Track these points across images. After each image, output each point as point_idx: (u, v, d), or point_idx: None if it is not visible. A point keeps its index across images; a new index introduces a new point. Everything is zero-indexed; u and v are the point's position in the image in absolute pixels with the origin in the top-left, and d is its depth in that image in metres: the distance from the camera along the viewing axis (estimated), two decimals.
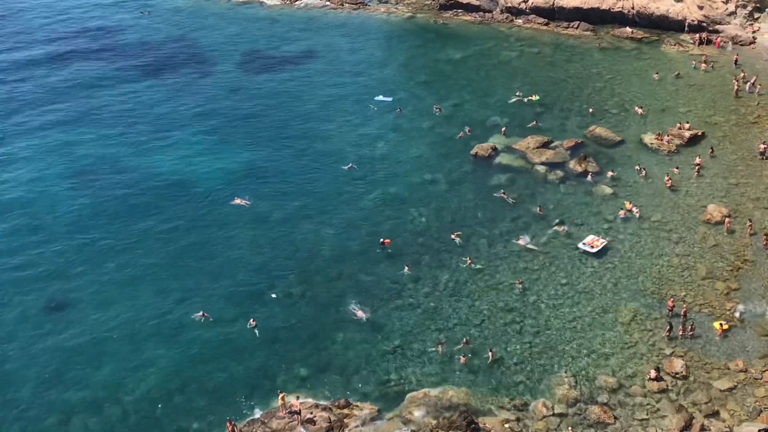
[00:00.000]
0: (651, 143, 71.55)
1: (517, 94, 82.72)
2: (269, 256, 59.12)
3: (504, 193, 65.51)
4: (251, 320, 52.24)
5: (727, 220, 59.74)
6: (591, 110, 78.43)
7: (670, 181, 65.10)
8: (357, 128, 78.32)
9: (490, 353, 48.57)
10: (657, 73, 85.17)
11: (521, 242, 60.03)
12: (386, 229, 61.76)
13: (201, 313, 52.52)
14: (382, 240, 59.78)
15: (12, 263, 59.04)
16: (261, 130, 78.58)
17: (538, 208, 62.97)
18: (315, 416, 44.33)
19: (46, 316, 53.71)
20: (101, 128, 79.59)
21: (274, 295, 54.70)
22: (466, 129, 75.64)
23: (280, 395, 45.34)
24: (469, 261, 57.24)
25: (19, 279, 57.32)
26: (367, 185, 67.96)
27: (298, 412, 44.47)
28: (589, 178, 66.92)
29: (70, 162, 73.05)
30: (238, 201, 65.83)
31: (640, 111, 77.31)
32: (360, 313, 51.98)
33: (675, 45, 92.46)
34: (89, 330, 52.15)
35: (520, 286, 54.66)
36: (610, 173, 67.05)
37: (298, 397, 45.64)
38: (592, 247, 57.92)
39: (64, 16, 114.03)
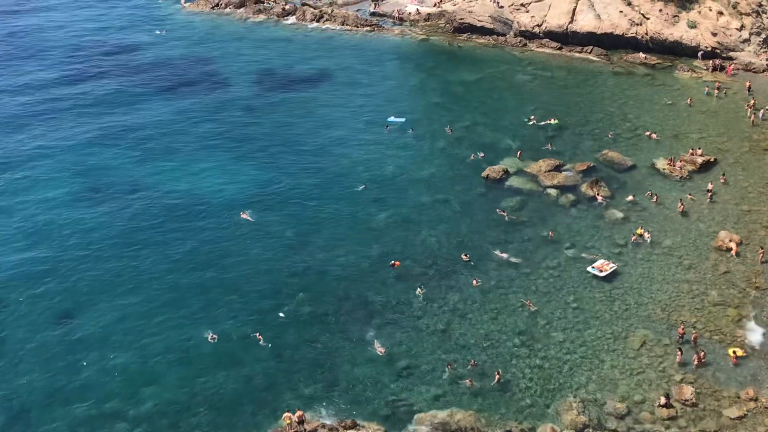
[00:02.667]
0: (663, 168, 71.43)
1: (531, 117, 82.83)
2: (279, 275, 59.14)
3: (504, 212, 65.69)
4: (257, 334, 52.37)
5: (734, 246, 59.49)
6: (610, 135, 78.17)
7: (682, 207, 64.92)
8: (369, 148, 78.49)
9: (497, 375, 48.36)
10: (669, 100, 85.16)
11: (503, 255, 60.14)
12: (397, 249, 61.74)
13: (210, 335, 52.52)
14: (392, 262, 59.75)
15: (24, 277, 59.21)
16: (274, 148, 78.83)
17: (549, 232, 62.84)
18: None
19: (56, 329, 53.77)
20: (115, 145, 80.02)
21: (281, 314, 54.69)
22: (480, 154, 75.47)
23: (286, 414, 45.21)
24: (476, 283, 57.13)
25: (30, 292, 57.45)
26: (378, 205, 68.04)
27: (301, 422, 44.43)
28: (599, 199, 66.86)
29: (83, 178, 73.38)
30: (244, 216, 66.07)
31: (653, 136, 77.27)
32: (381, 350, 51.09)
33: (688, 71, 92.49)
34: (97, 345, 52.21)
35: (530, 307, 54.47)
36: (630, 198, 66.88)
37: (299, 409, 45.79)
38: (601, 271, 57.72)
39: (80, 35, 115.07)
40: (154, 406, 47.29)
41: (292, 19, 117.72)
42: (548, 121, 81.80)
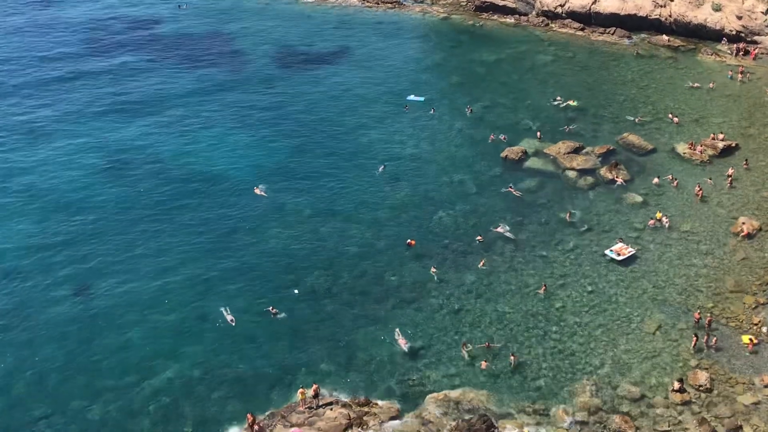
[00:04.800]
0: (684, 153, 70.90)
1: (557, 97, 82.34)
2: (295, 252, 59.35)
3: (512, 188, 65.99)
4: (271, 308, 52.82)
5: (745, 228, 59.21)
6: (638, 119, 77.47)
7: (701, 192, 64.46)
8: (388, 127, 78.37)
9: (512, 357, 48.43)
10: (692, 83, 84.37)
11: (499, 230, 60.71)
12: (413, 228, 61.78)
13: (229, 317, 52.55)
14: (408, 241, 59.82)
15: (42, 248, 59.74)
16: (292, 125, 78.89)
17: (567, 215, 62.64)
18: (334, 412, 44.48)
19: (74, 302, 54.28)
20: (134, 118, 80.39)
21: (296, 291, 54.93)
22: (501, 136, 75.08)
23: (300, 390, 45.51)
24: (482, 264, 57.15)
25: (49, 264, 58.01)
26: (395, 184, 68.01)
27: (316, 396, 44.98)
28: (619, 181, 66.55)
29: (103, 150, 73.83)
30: (258, 191, 66.40)
31: (675, 120, 76.63)
32: (402, 341, 50.50)
33: (711, 55, 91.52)
34: (115, 318, 52.71)
35: (544, 291, 54.42)
36: (655, 180, 66.57)
37: (315, 383, 46.03)
38: (619, 255, 57.50)
39: (102, 8, 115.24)
40: (170, 380, 47.74)
41: None
42: (568, 102, 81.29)
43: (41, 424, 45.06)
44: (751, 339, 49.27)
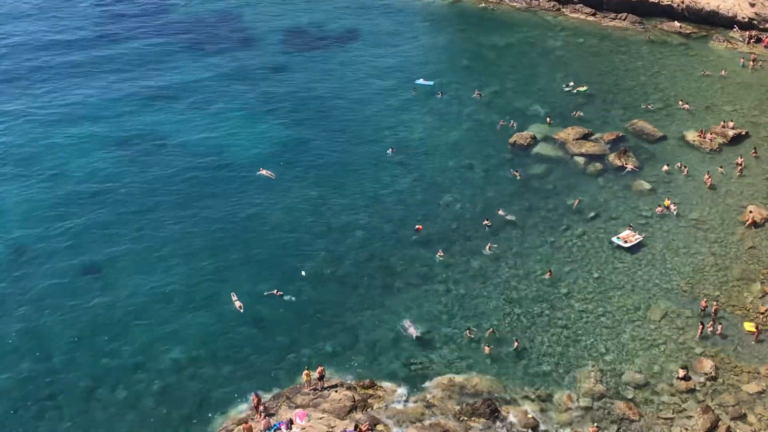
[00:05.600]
0: (693, 140, 70.53)
1: (570, 83, 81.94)
2: (302, 234, 59.40)
3: (516, 172, 66.08)
4: (275, 291, 52.90)
5: (753, 216, 59.05)
6: (650, 106, 77.05)
7: (710, 180, 64.17)
8: (396, 111, 78.17)
9: (515, 342, 48.46)
10: (704, 70, 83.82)
11: (500, 212, 60.93)
12: (420, 213, 61.73)
13: (238, 305, 52.44)
14: (416, 226, 59.72)
15: (51, 226, 59.98)
16: (300, 108, 78.72)
17: (575, 201, 62.45)
18: (339, 394, 44.63)
19: (82, 281, 54.53)
20: (144, 100, 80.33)
21: (303, 273, 55.01)
22: (511, 122, 74.81)
23: (306, 372, 45.63)
24: (488, 249, 57.20)
25: (57, 243, 58.26)
26: (403, 168, 67.89)
27: (321, 377, 45.04)
28: (629, 168, 66.28)
29: (112, 132, 73.85)
30: (264, 172, 66.42)
31: (686, 107, 76.20)
32: (412, 330, 50.41)
33: (723, 42, 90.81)
34: (122, 297, 52.93)
35: (549, 276, 54.35)
36: (665, 168, 66.26)
37: (320, 365, 46.10)
38: (626, 242, 57.36)
39: None
40: (176, 360, 47.96)
41: None
42: (578, 88, 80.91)
43: (45, 404, 45.28)
44: (757, 326, 49.14)
